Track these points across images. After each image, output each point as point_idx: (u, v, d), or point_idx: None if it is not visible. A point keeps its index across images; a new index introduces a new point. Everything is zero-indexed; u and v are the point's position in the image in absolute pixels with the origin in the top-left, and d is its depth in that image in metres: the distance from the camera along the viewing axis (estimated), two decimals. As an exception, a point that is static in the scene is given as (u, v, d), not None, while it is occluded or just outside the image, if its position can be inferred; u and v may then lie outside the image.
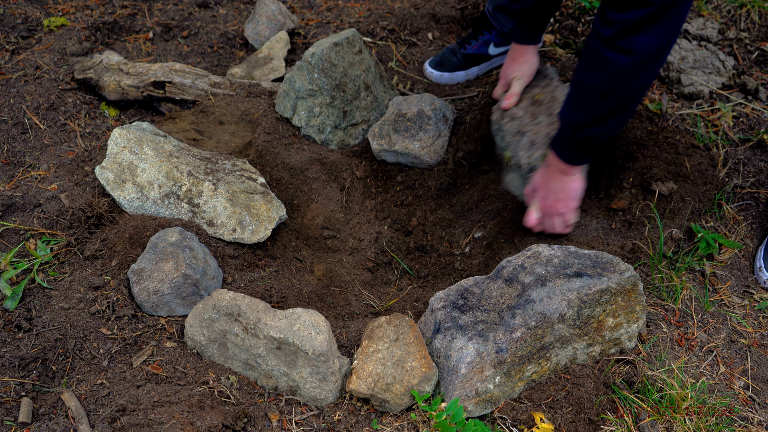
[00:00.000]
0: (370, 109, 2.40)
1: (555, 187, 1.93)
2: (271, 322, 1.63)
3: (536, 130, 2.06)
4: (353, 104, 2.36)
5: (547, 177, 1.94)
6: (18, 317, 1.73)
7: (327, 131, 2.34)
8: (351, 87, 2.34)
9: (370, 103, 2.39)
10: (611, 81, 1.65)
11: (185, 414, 1.54)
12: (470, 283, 1.76)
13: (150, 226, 1.88)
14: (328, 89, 2.29)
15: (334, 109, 2.32)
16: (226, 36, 2.73)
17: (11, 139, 2.22)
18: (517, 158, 2.08)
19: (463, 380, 1.58)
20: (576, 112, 1.77)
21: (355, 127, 2.39)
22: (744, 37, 2.71)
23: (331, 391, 1.63)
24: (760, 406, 1.72)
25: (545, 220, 1.99)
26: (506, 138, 2.14)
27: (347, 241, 2.20)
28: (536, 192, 1.99)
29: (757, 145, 2.32)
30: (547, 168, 1.94)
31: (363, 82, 2.36)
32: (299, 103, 2.32)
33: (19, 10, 2.70)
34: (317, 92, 2.29)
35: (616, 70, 1.63)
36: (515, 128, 2.11)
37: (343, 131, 2.37)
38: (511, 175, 2.15)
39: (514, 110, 2.15)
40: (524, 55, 2.20)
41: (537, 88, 2.20)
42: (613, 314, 1.71)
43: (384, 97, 2.44)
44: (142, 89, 2.37)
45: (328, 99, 2.30)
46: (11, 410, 1.58)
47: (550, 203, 1.96)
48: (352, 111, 2.36)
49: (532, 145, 2.04)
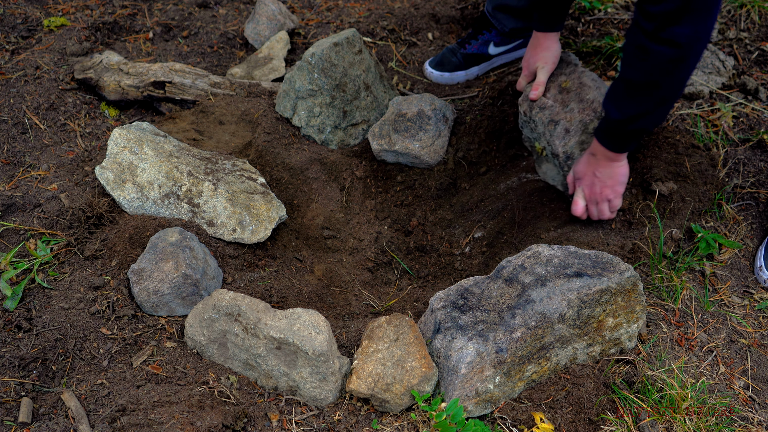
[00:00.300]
0: (370, 109, 2.39)
1: (603, 174, 1.95)
2: (271, 322, 1.63)
3: (569, 117, 2.06)
4: (353, 104, 2.35)
5: (594, 165, 1.96)
6: (18, 317, 1.73)
7: (327, 131, 2.34)
8: (351, 87, 2.34)
9: (370, 103, 2.39)
10: (658, 74, 1.68)
11: (185, 414, 1.54)
12: (470, 283, 1.76)
13: (150, 226, 1.88)
14: (328, 89, 2.29)
15: (334, 109, 2.32)
16: (226, 36, 2.73)
17: (11, 139, 2.22)
18: (552, 147, 2.08)
19: (463, 380, 1.58)
20: (623, 107, 1.79)
21: (355, 127, 2.39)
22: (744, 37, 2.71)
23: (331, 391, 1.63)
24: (760, 406, 1.72)
25: (592, 207, 2.01)
26: (538, 128, 2.13)
27: (347, 241, 2.20)
28: (581, 180, 2.00)
29: (757, 145, 2.32)
30: (592, 156, 1.96)
31: (363, 82, 2.36)
32: (299, 103, 2.32)
33: (19, 10, 2.70)
34: (317, 92, 2.29)
35: (662, 63, 1.66)
36: (547, 118, 2.10)
37: (343, 131, 2.37)
38: (546, 165, 2.15)
39: (543, 100, 2.14)
40: (546, 42, 2.20)
41: (562, 75, 2.19)
42: (613, 314, 1.71)
43: (384, 97, 2.44)
44: (142, 89, 2.37)
45: (328, 99, 2.30)
46: (11, 410, 1.58)
47: (598, 190, 1.97)
48: (352, 111, 2.36)
49: (567, 133, 2.05)
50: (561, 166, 2.07)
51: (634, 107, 1.78)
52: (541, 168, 2.18)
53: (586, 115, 2.05)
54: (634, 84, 1.74)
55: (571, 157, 2.04)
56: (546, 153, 2.12)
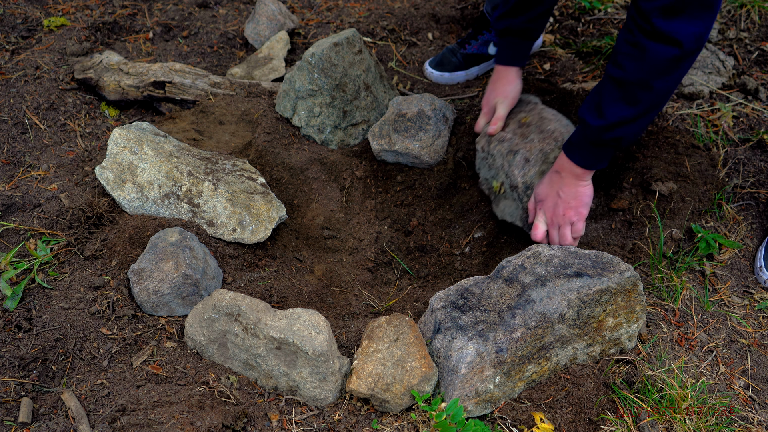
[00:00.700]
0: (370, 109, 2.39)
1: (567, 194, 1.86)
2: (271, 322, 1.63)
3: (529, 147, 2.01)
4: (353, 104, 2.35)
5: (558, 184, 1.87)
6: (18, 317, 1.73)
7: (327, 131, 2.34)
8: (351, 87, 2.33)
9: (370, 103, 2.39)
10: (653, 73, 1.60)
11: (185, 414, 1.54)
12: (470, 283, 1.76)
13: (150, 226, 1.88)
14: (328, 89, 2.29)
15: (334, 109, 2.32)
16: (226, 36, 2.73)
17: (11, 139, 2.22)
18: (511, 179, 2.02)
19: (463, 380, 1.58)
20: (607, 110, 1.70)
21: (355, 127, 2.39)
22: (744, 37, 2.71)
23: (331, 391, 1.63)
24: (760, 406, 1.72)
25: (554, 231, 1.91)
26: (496, 162, 2.09)
27: (347, 241, 2.20)
28: (542, 202, 1.91)
29: (757, 145, 2.32)
30: (556, 175, 1.87)
31: (363, 82, 2.36)
32: (299, 103, 2.31)
33: (19, 10, 2.70)
34: (317, 92, 2.29)
35: (659, 61, 1.58)
36: (506, 149, 2.05)
37: (343, 131, 2.37)
38: (504, 202, 2.08)
39: (502, 134, 2.11)
40: (507, 77, 2.15)
41: (522, 112, 2.17)
42: (613, 314, 1.71)
43: (384, 97, 2.44)
44: (142, 89, 2.37)
45: (328, 99, 2.30)
46: (11, 410, 1.58)
47: (560, 212, 1.87)
48: (352, 111, 2.36)
49: (527, 162, 1.99)
50: (520, 197, 1.99)
51: (619, 111, 1.68)
52: (499, 206, 2.10)
53: (547, 144, 2.00)
54: (624, 84, 1.65)
55: (530, 187, 1.96)
56: (504, 188, 2.07)
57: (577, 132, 1.81)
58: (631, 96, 1.66)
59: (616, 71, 1.66)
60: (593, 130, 1.74)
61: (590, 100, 1.76)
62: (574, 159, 1.81)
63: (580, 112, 1.77)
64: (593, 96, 1.75)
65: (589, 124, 1.74)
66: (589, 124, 1.74)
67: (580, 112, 1.77)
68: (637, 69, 1.62)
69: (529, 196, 1.97)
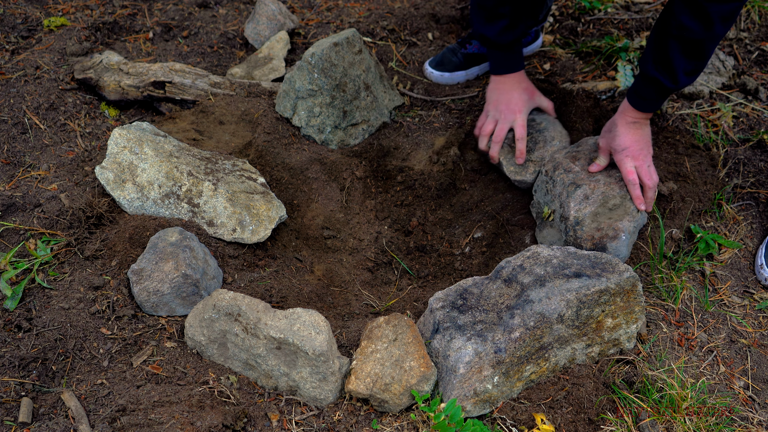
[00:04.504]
0: (370, 109, 2.39)
1: (646, 135, 2.03)
2: (271, 322, 1.63)
3: (593, 186, 2.02)
4: (353, 104, 2.35)
5: (639, 131, 2.01)
6: (18, 317, 1.73)
7: (327, 131, 2.34)
8: (351, 87, 2.33)
9: (370, 103, 2.39)
10: (718, 25, 1.78)
11: (185, 414, 1.54)
12: (469, 284, 1.76)
13: (150, 226, 1.88)
14: (328, 89, 2.29)
15: (334, 109, 2.32)
16: (226, 36, 2.73)
17: (11, 139, 2.22)
18: (564, 209, 2.01)
19: (462, 380, 1.58)
20: (680, 71, 1.88)
21: (355, 126, 2.39)
22: (744, 37, 2.71)
23: (331, 391, 1.63)
24: (760, 406, 1.72)
25: (643, 169, 2.01)
26: (556, 188, 2.07)
27: (347, 241, 2.20)
28: (627, 150, 2.00)
29: (757, 145, 2.33)
30: (634, 125, 2.01)
31: (363, 81, 2.36)
32: (299, 103, 2.31)
33: (19, 10, 2.70)
34: (317, 92, 2.29)
35: (723, 13, 1.76)
36: (569, 180, 2.04)
37: (343, 131, 2.37)
38: (548, 230, 2.09)
39: (571, 165, 2.09)
40: (504, 86, 2.27)
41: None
42: (612, 315, 1.71)
43: (384, 97, 2.44)
44: (142, 89, 2.37)
45: (328, 99, 2.30)
46: (11, 410, 1.58)
47: (646, 151, 2.02)
48: (352, 111, 2.35)
49: (586, 199, 1.99)
50: (566, 230, 2.00)
51: (689, 66, 1.87)
52: (542, 233, 2.10)
53: (611, 190, 2.01)
54: (692, 42, 1.82)
55: (580, 224, 1.97)
56: (553, 217, 2.07)
57: (645, 87, 1.96)
58: (700, 51, 1.85)
59: (683, 33, 1.81)
60: (668, 90, 1.93)
61: (657, 59, 1.90)
62: (645, 109, 1.99)
63: (650, 71, 1.92)
64: (659, 55, 1.89)
65: (665, 86, 1.91)
66: (665, 86, 1.91)
67: (650, 71, 1.92)
68: (703, 27, 1.79)
69: (574, 232, 1.97)
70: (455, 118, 2.45)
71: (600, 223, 1.95)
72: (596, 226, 1.94)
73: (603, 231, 1.93)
